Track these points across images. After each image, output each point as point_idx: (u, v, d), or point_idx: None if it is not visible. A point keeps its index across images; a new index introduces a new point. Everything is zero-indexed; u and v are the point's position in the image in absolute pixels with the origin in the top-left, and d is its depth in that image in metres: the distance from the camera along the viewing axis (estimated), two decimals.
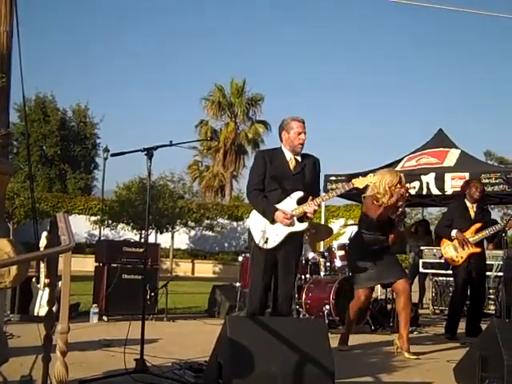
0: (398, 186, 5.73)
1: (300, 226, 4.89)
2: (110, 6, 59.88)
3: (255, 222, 4.93)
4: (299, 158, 4.99)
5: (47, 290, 6.40)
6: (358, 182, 5.05)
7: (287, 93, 61.38)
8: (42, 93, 33.95)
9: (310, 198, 4.82)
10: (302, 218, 4.87)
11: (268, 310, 5.22)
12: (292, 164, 4.97)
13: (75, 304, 7.83)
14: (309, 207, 4.80)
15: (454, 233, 7.06)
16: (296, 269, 5.12)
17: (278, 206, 4.85)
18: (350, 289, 7.49)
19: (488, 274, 8.38)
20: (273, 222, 4.82)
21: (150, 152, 4.42)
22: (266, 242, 4.77)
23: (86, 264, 15.78)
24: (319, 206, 4.94)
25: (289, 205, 4.85)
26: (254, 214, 4.97)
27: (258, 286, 4.85)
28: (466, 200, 7.18)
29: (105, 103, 64.24)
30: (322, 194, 5.33)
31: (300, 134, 4.94)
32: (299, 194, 4.87)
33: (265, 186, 4.92)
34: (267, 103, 37.79)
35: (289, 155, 4.98)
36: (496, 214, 26.08)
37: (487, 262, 7.97)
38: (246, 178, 5.21)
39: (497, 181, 8.85)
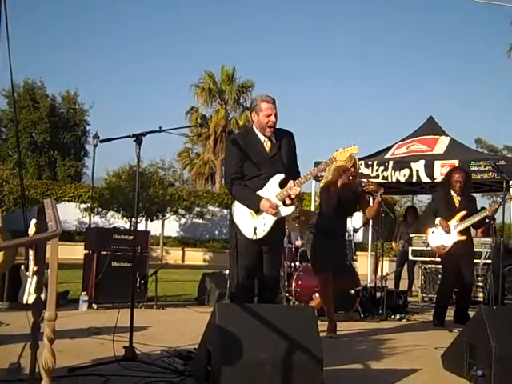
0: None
1: (287, 210, 4.75)
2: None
3: (239, 213, 4.77)
4: (273, 138, 4.79)
5: (35, 277, 6.37)
6: (340, 155, 4.85)
7: (278, 80, 61.13)
8: (31, 79, 33.73)
9: (291, 181, 4.66)
10: (286, 201, 4.72)
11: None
12: (267, 146, 4.77)
13: (64, 292, 7.82)
14: (292, 190, 4.65)
15: (437, 221, 7.09)
16: (281, 253, 5.09)
17: (260, 192, 4.70)
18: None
19: (476, 261, 8.42)
20: (258, 211, 4.68)
21: (139, 138, 4.37)
22: (254, 233, 4.63)
23: (76, 252, 15.74)
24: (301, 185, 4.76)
25: (271, 190, 4.71)
26: (237, 204, 4.80)
27: (243, 274, 4.70)
28: (450, 188, 7.20)
29: (94, 90, 63.70)
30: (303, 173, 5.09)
31: (269, 115, 4.70)
32: (280, 176, 4.71)
33: (243, 173, 4.74)
34: (258, 90, 37.58)
35: (262, 137, 4.78)
36: (486, 201, 26.19)
37: (476, 250, 8.02)
38: None
39: (486, 168, 8.87)
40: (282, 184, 4.72)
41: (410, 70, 64.39)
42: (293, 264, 7.94)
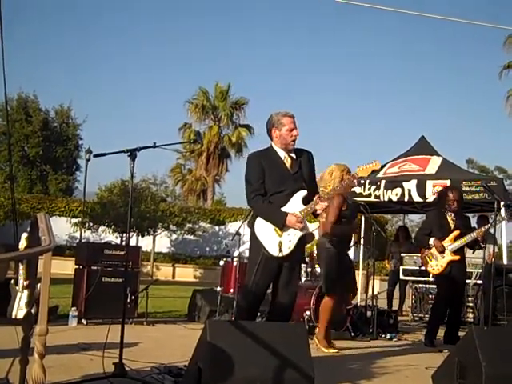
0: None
1: (312, 226, 4.77)
2: (92, 10, 59.43)
3: (262, 229, 4.71)
4: (293, 155, 4.83)
5: (26, 292, 6.32)
6: (362, 171, 4.84)
7: (271, 97, 61.44)
8: (25, 92, 33.73)
9: (317, 195, 4.69)
10: (312, 217, 4.77)
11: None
12: (288, 163, 4.81)
13: (54, 307, 7.75)
14: (318, 205, 4.65)
15: (431, 241, 7.11)
16: (298, 273, 5.07)
17: (284, 208, 4.68)
18: None
19: (467, 281, 8.43)
20: (283, 227, 4.65)
21: (133, 153, 4.37)
22: (280, 250, 4.58)
23: (66, 267, 15.63)
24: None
25: (295, 206, 4.70)
26: (260, 221, 4.74)
27: (259, 289, 4.70)
28: (444, 208, 7.22)
29: (88, 104, 63.83)
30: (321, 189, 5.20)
31: (292, 130, 4.76)
32: (303, 193, 4.72)
33: (265, 190, 4.74)
34: (251, 107, 37.72)
35: (282, 153, 4.81)
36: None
37: (467, 270, 8.03)
38: (229, 183, 5.14)
39: (477, 189, 8.92)
40: (305, 200, 4.71)
41: (402, 89, 64.83)
42: None
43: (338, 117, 62.58)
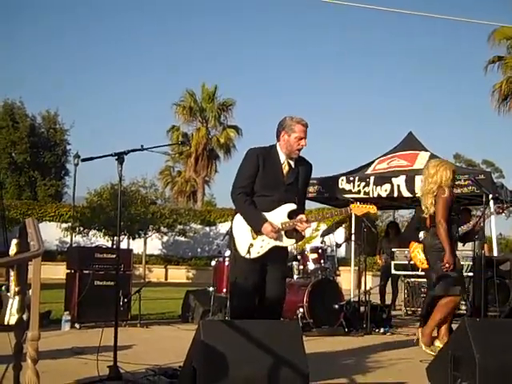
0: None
1: (287, 242, 4.65)
2: (85, 17, 59.26)
3: (239, 228, 4.65)
4: (292, 163, 4.71)
5: (17, 298, 6.30)
6: (356, 209, 4.75)
7: (259, 97, 61.49)
8: (11, 99, 33.57)
9: (303, 216, 4.58)
10: (290, 232, 4.63)
11: None
12: (285, 169, 4.68)
13: (46, 312, 7.73)
14: (303, 224, 4.55)
15: (421, 234, 7.13)
16: (285, 270, 4.98)
17: (267, 215, 4.58)
18: (323, 291, 7.58)
19: None
20: (259, 232, 4.56)
21: (120, 157, 4.37)
22: (248, 251, 4.51)
23: (58, 271, 15.57)
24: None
25: (278, 216, 4.59)
26: (238, 219, 4.66)
27: (243, 290, 4.61)
28: None
29: (75, 109, 63.61)
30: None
31: (301, 139, 4.62)
32: (292, 206, 4.62)
33: (254, 190, 4.63)
34: (239, 108, 37.75)
35: (283, 158, 4.69)
36: None
37: None
38: (218, 184, 5.09)
39: (466, 182, 8.96)
40: (291, 214, 4.62)
41: (388, 86, 65.02)
42: None
43: (324, 116, 62.58)
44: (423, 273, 7.77)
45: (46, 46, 59.53)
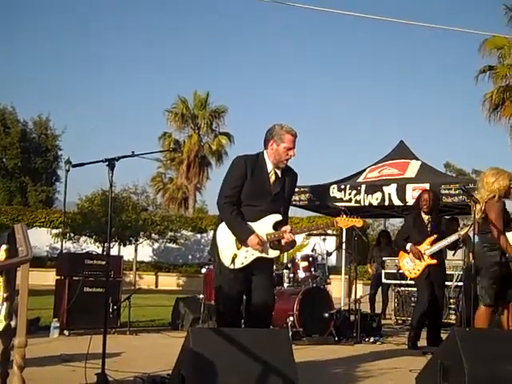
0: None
1: (272, 254, 4.63)
2: (75, 23, 59.19)
3: (223, 238, 4.62)
4: (279, 172, 4.69)
5: (5, 304, 6.26)
6: (342, 221, 4.73)
7: (251, 105, 61.52)
8: (2, 104, 33.50)
9: (289, 227, 4.57)
10: (275, 243, 4.60)
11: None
12: (272, 178, 4.66)
13: (35, 319, 7.68)
14: (287, 235, 4.53)
15: (408, 246, 7.14)
16: (273, 281, 4.96)
17: (252, 225, 4.56)
18: (313, 300, 7.56)
19: (448, 283, 8.48)
20: (244, 243, 4.53)
21: (111, 163, 4.36)
22: (232, 262, 4.49)
23: (48, 278, 15.47)
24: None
25: (264, 227, 4.57)
26: (222, 228, 4.63)
27: (227, 298, 4.60)
28: (421, 211, 7.27)
29: (67, 115, 63.49)
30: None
31: (290, 149, 4.61)
32: (277, 217, 4.60)
33: (240, 199, 4.60)
34: (231, 115, 37.74)
35: (270, 167, 4.66)
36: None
37: (448, 272, 8.09)
38: (210, 191, 5.06)
39: (456, 191, 8.99)
40: (276, 225, 4.61)
41: (379, 94, 65.25)
42: None
43: (316, 123, 62.64)
44: (413, 282, 7.80)
45: (39, 52, 59.41)
